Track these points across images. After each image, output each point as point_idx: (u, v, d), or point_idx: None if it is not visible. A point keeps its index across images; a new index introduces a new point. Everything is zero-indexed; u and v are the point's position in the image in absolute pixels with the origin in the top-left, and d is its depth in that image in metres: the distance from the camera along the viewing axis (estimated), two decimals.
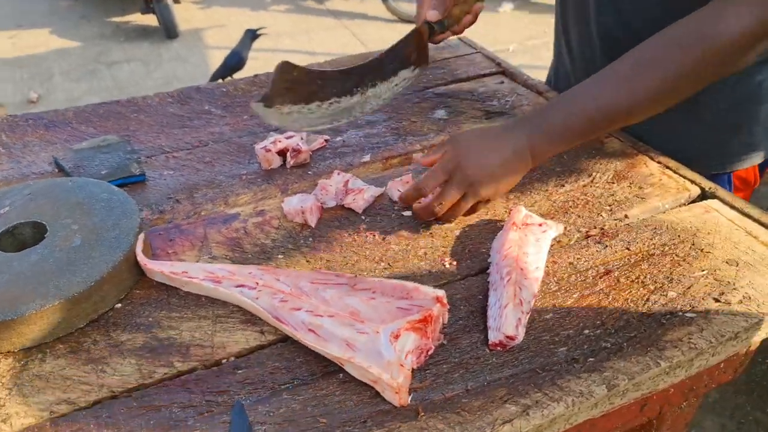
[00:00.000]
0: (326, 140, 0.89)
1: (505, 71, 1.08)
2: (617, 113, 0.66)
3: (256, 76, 1.08)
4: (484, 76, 1.07)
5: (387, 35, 3.84)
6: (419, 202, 0.70)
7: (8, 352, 0.55)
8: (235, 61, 2.33)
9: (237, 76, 2.44)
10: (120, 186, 0.77)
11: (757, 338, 0.61)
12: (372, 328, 0.53)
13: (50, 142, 0.90)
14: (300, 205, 0.71)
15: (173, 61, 3.64)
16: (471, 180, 0.66)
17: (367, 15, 4.29)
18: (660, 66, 0.63)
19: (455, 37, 1.21)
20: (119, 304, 0.60)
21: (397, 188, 0.76)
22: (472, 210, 0.70)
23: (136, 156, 0.84)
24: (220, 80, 2.41)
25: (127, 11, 4.31)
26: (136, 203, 0.69)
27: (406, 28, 0.85)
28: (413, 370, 0.53)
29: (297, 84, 0.74)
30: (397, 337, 0.52)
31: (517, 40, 3.79)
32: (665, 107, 0.67)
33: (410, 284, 0.57)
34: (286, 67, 0.73)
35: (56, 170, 0.83)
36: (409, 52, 0.84)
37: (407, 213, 0.72)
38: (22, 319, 0.53)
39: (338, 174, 0.77)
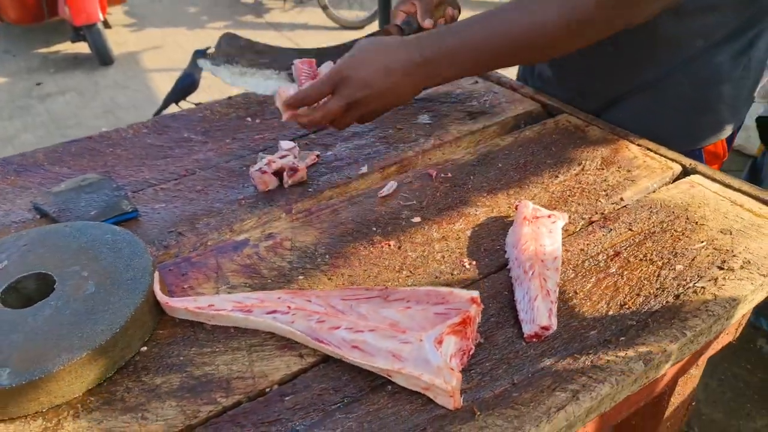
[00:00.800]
0: (317, 155, 0.88)
1: None
2: (501, 47, 0.70)
3: (230, 98, 1.06)
4: None
5: (331, 43, 3.83)
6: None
7: (36, 413, 0.52)
8: (188, 83, 2.27)
9: (191, 98, 2.38)
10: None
11: (759, 298, 0.66)
12: (415, 337, 0.53)
13: (24, 188, 0.85)
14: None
15: (111, 88, 3.50)
16: (356, 96, 0.68)
17: (308, 25, 4.27)
18: (538, 7, 0.68)
19: None
20: (144, 347, 0.58)
21: (282, 93, 0.74)
22: (361, 121, 0.72)
23: (123, 192, 0.81)
24: (174, 104, 2.34)
25: (53, 41, 4.11)
26: None
27: (349, 35, 0.87)
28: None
29: (246, 51, 0.75)
30: (440, 342, 0.53)
31: None
32: (548, 53, 0.74)
33: (444, 289, 0.57)
34: (229, 37, 0.76)
35: (38, 216, 0.79)
36: None
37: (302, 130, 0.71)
38: (50, 376, 0.50)
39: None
